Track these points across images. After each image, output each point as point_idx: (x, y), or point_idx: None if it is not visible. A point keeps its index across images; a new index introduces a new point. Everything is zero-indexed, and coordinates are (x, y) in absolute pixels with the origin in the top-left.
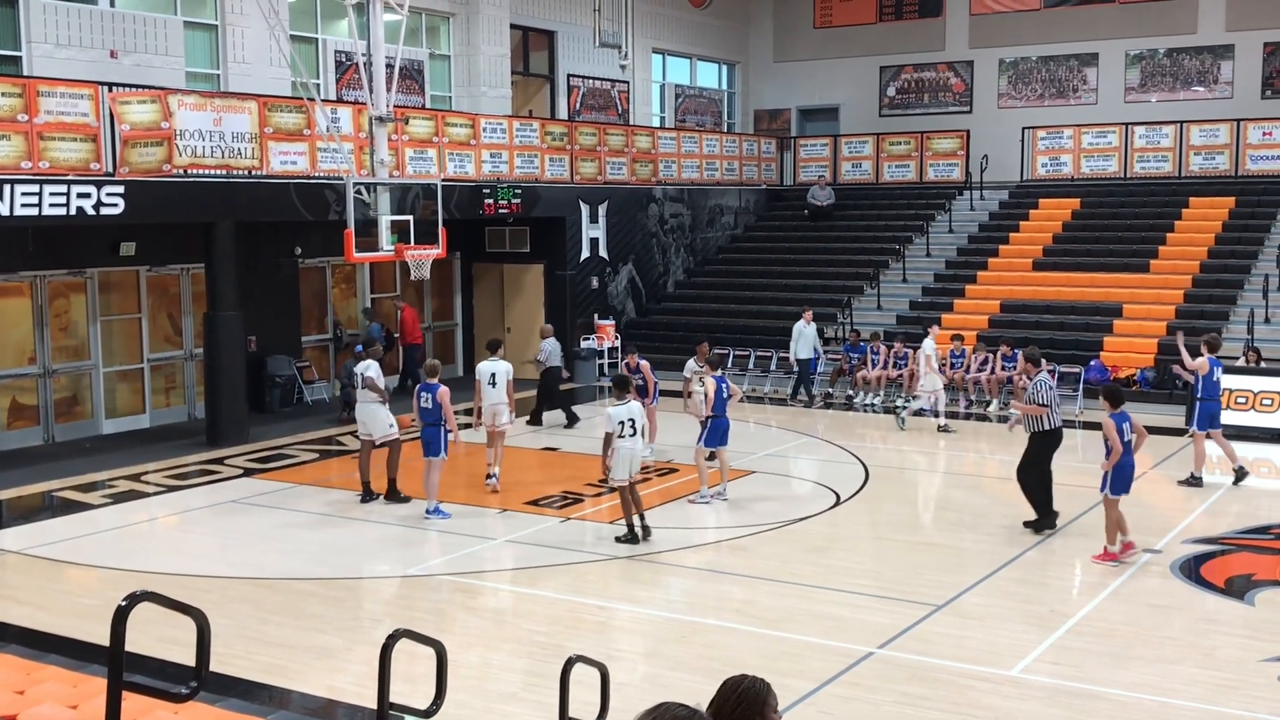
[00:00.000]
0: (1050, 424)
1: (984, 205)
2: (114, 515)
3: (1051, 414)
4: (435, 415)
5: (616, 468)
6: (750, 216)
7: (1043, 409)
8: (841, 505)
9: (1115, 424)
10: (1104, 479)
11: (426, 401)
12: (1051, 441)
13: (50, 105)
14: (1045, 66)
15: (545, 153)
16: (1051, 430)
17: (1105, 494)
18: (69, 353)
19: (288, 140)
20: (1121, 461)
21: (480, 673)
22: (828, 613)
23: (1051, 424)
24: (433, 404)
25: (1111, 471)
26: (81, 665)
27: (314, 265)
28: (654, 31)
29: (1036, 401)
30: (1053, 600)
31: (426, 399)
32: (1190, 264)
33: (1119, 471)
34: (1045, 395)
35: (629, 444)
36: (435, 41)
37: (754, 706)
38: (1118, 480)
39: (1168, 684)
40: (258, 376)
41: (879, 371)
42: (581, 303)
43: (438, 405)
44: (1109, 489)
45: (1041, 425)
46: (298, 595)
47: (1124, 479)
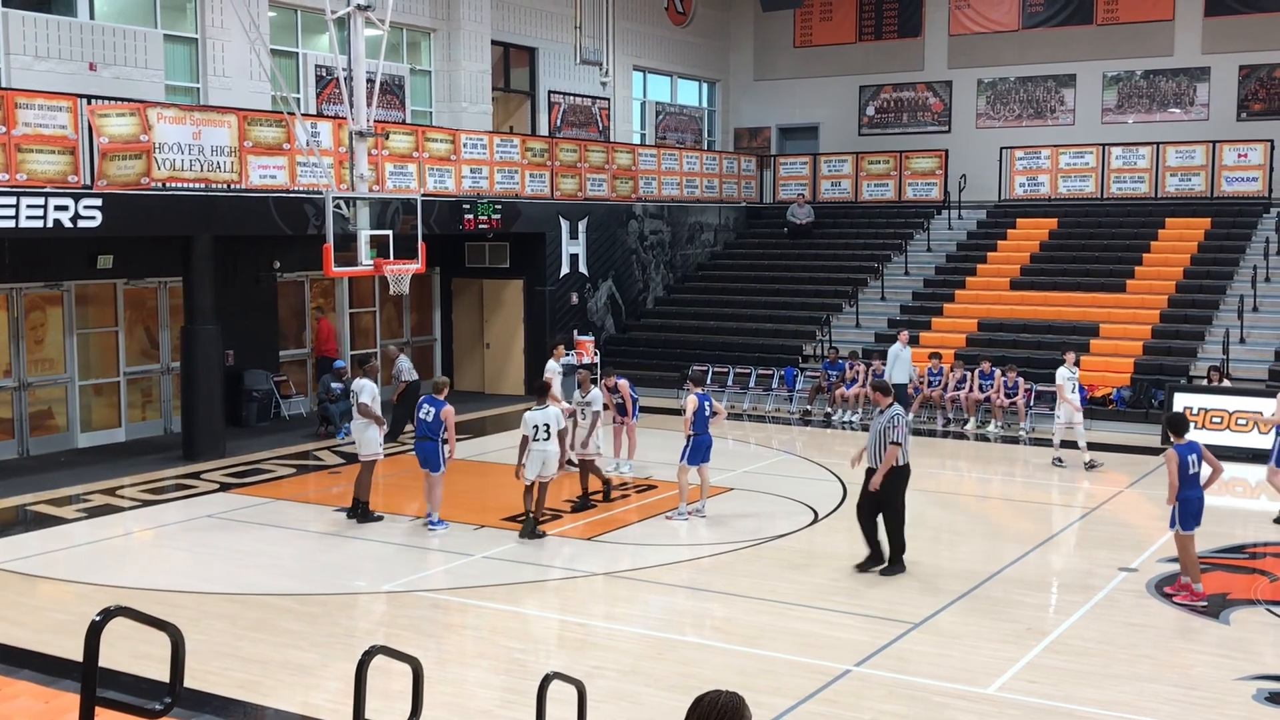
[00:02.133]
0: (900, 460)
1: (962, 224)
2: (88, 530)
3: (906, 450)
4: (434, 429)
5: (528, 467)
6: (730, 234)
7: (897, 447)
8: (819, 522)
9: (1180, 456)
10: (1171, 515)
11: (428, 415)
12: (901, 478)
13: (28, 117)
14: (1023, 87)
15: (526, 168)
16: (901, 466)
17: (1177, 530)
18: (45, 366)
19: (267, 154)
20: (1187, 495)
21: (457, 689)
22: (805, 630)
23: (901, 460)
24: (434, 418)
25: (1178, 505)
26: (54, 681)
27: (292, 280)
28: (635, 49)
29: (892, 440)
30: (1029, 619)
31: (429, 412)
32: (1166, 284)
33: (1185, 506)
34: (900, 434)
35: (541, 447)
36: (416, 57)
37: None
38: (1185, 514)
39: (1143, 702)
40: (235, 391)
41: (857, 389)
42: (561, 319)
43: (438, 420)
44: (1179, 525)
45: (901, 459)
46: (273, 611)
47: (1192, 513)
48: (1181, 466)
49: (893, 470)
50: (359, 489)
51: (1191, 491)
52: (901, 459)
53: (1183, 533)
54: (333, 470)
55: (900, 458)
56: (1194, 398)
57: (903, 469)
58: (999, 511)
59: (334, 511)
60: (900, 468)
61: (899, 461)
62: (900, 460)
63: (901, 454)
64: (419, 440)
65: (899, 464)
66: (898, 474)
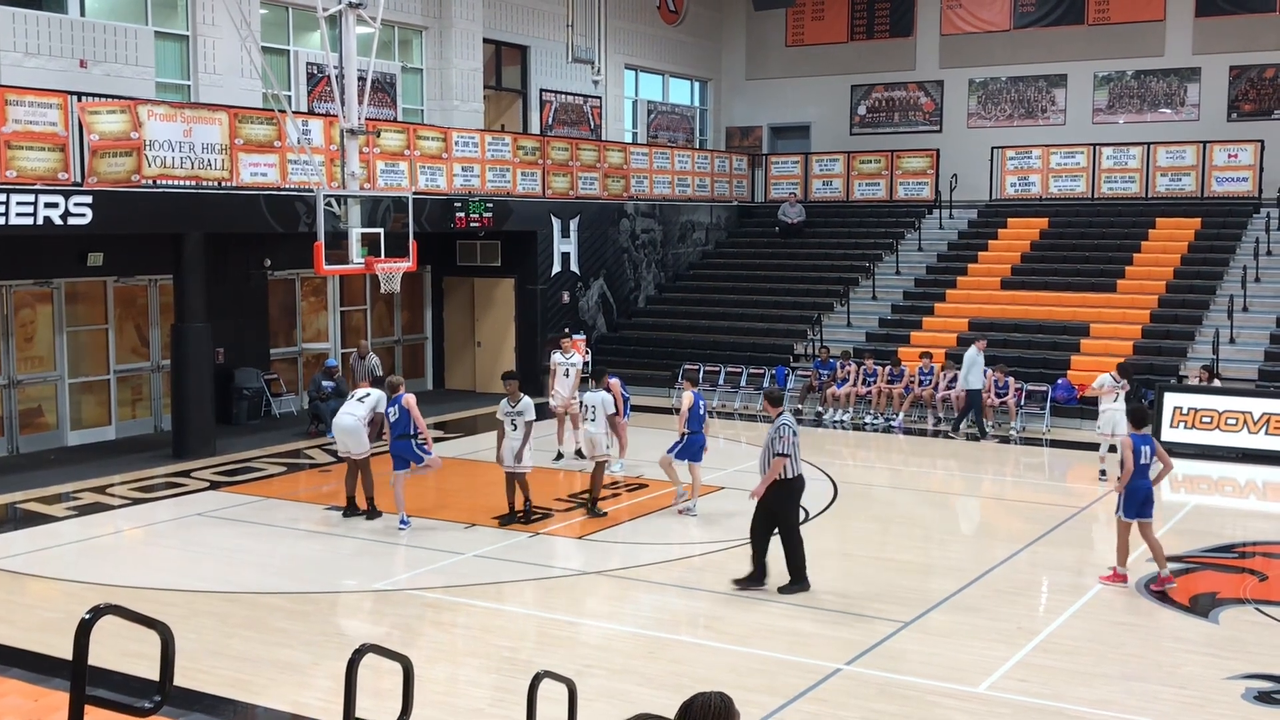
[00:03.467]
0: (790, 472)
1: (953, 224)
2: (78, 528)
3: (793, 462)
4: (403, 427)
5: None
6: (721, 233)
7: (783, 459)
8: (810, 521)
9: (1134, 444)
10: (1118, 501)
11: (393, 414)
12: (792, 491)
13: (18, 114)
14: (1014, 87)
15: (517, 167)
16: (792, 479)
17: (1118, 516)
18: (34, 363)
19: (258, 152)
20: (1135, 484)
21: (447, 688)
22: (796, 629)
23: (792, 472)
24: (399, 414)
25: (1124, 493)
26: (43, 679)
27: (283, 277)
28: (627, 48)
29: (777, 451)
30: (1019, 617)
31: (393, 411)
32: (1156, 284)
33: (1131, 494)
34: (787, 444)
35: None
36: (408, 55)
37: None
38: (1130, 503)
39: (1132, 701)
40: (225, 389)
41: (848, 388)
42: (552, 317)
43: (405, 414)
44: (1122, 511)
45: (783, 474)
46: (264, 609)
47: (1137, 502)
48: (1135, 455)
49: (783, 484)
50: (367, 487)
51: (1140, 481)
52: (790, 470)
53: (1124, 519)
54: (323, 469)
55: (788, 469)
56: (1184, 397)
57: (793, 481)
58: (989, 511)
59: (326, 510)
60: (790, 480)
61: (787, 474)
62: (789, 472)
63: (791, 465)
64: (393, 440)
65: (787, 476)
66: (788, 487)
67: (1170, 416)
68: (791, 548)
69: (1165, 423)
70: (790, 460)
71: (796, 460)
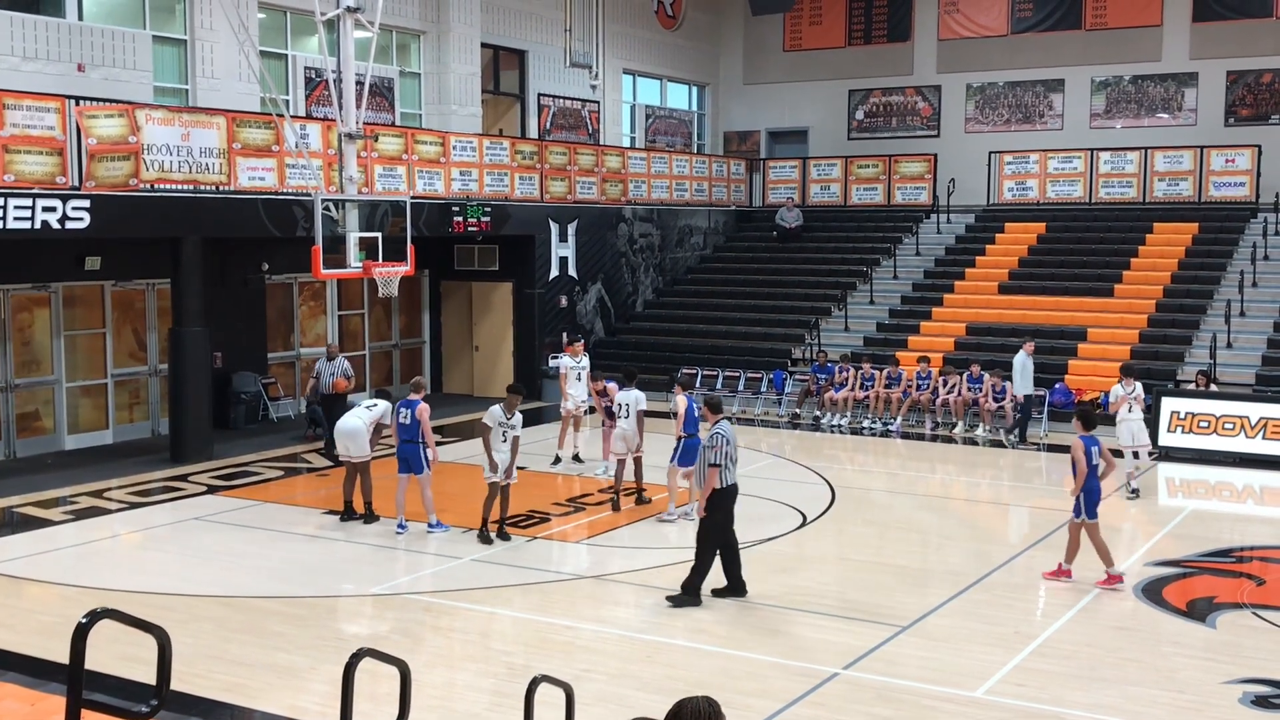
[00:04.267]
0: (723, 481)
1: (951, 228)
2: (76, 532)
3: (725, 471)
4: (413, 432)
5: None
6: (719, 237)
7: (716, 469)
8: (808, 526)
9: (1085, 445)
10: (1075, 504)
11: (405, 418)
12: (725, 501)
13: (16, 118)
14: (1012, 92)
15: (515, 171)
16: (725, 488)
17: (1081, 519)
18: (32, 367)
19: (256, 156)
20: (1091, 485)
21: (445, 692)
22: (793, 633)
23: (724, 481)
24: (410, 420)
25: (1083, 495)
26: (40, 683)
27: (281, 282)
28: (625, 52)
29: (710, 462)
30: (1017, 622)
31: (405, 415)
32: (1154, 289)
33: (1090, 495)
34: (719, 454)
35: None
36: (406, 59)
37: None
38: (1090, 504)
39: (1130, 705)
40: (223, 393)
41: (846, 393)
42: (550, 322)
43: (415, 422)
44: (1084, 513)
45: (721, 481)
46: (261, 614)
47: (1094, 503)
48: (1086, 456)
49: (716, 493)
50: (365, 491)
51: (1093, 481)
52: (725, 480)
53: (1090, 521)
54: (321, 473)
55: (722, 479)
56: (1181, 402)
57: (725, 490)
58: (987, 515)
59: (323, 514)
60: (723, 489)
61: (721, 483)
62: (723, 481)
63: (724, 475)
64: (400, 444)
65: (721, 485)
66: (720, 496)
67: (1168, 421)
68: (700, 553)
69: (1163, 427)
70: (723, 469)
71: (730, 469)
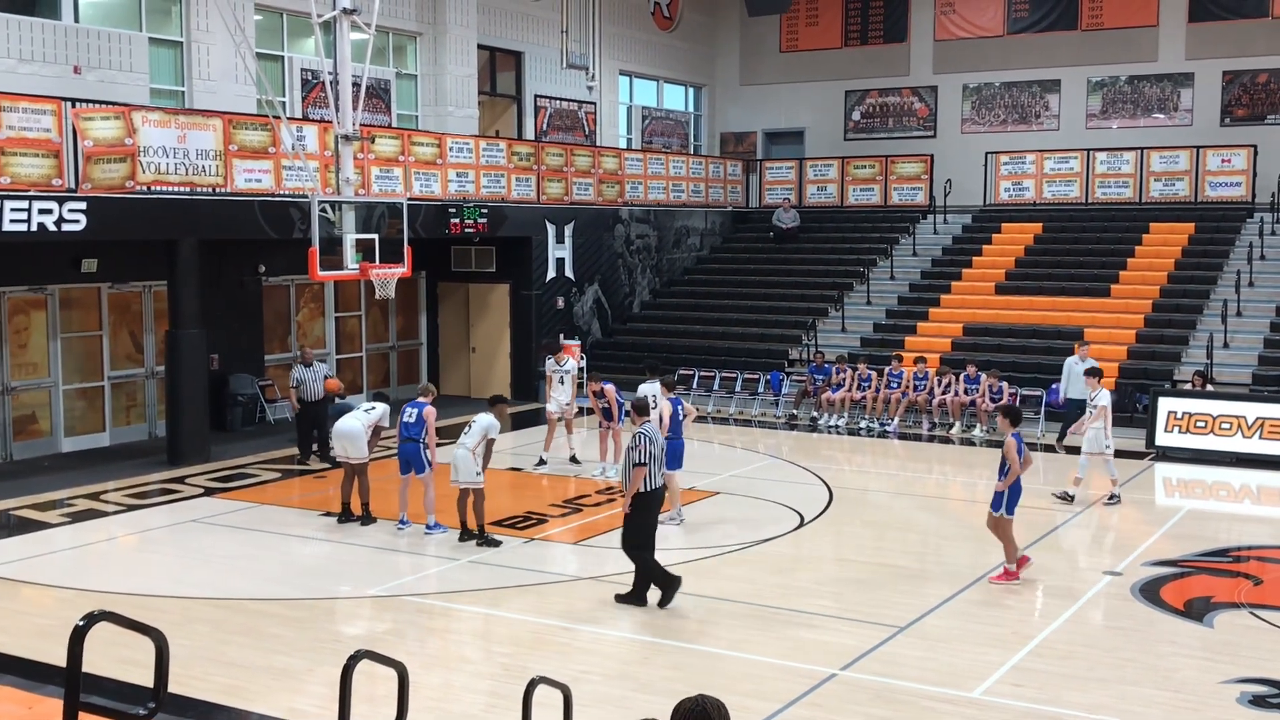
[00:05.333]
0: (649, 484)
1: (947, 229)
2: (72, 534)
3: (650, 474)
4: (415, 431)
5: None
6: (716, 238)
7: (642, 469)
8: (805, 527)
9: (1017, 443)
10: (997, 498)
11: (411, 416)
12: (649, 503)
13: (12, 120)
14: (1008, 92)
15: (512, 173)
16: (649, 492)
17: (1001, 514)
18: (28, 370)
19: (252, 158)
20: (1017, 482)
21: (442, 694)
22: (790, 634)
23: (649, 484)
24: (416, 419)
25: (1008, 491)
26: (37, 686)
27: (278, 284)
28: (621, 54)
29: (635, 462)
30: (1014, 622)
31: (412, 414)
32: (1151, 289)
33: (1014, 492)
34: (643, 454)
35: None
36: (402, 61)
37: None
38: (1013, 500)
39: (1127, 705)
40: (220, 395)
41: (843, 393)
42: (547, 323)
43: (421, 421)
44: (1005, 509)
45: (643, 485)
46: (258, 616)
47: (1017, 499)
48: (1019, 449)
49: (640, 495)
50: (363, 493)
51: (1018, 479)
52: (649, 482)
53: (1009, 516)
54: (318, 475)
55: (648, 481)
56: (1178, 402)
57: (651, 494)
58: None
59: (321, 516)
60: (648, 492)
61: (646, 485)
62: (648, 484)
63: (649, 477)
64: (401, 443)
65: (647, 488)
66: (646, 499)
67: (1165, 421)
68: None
69: (1160, 427)
70: (649, 471)
71: (656, 471)
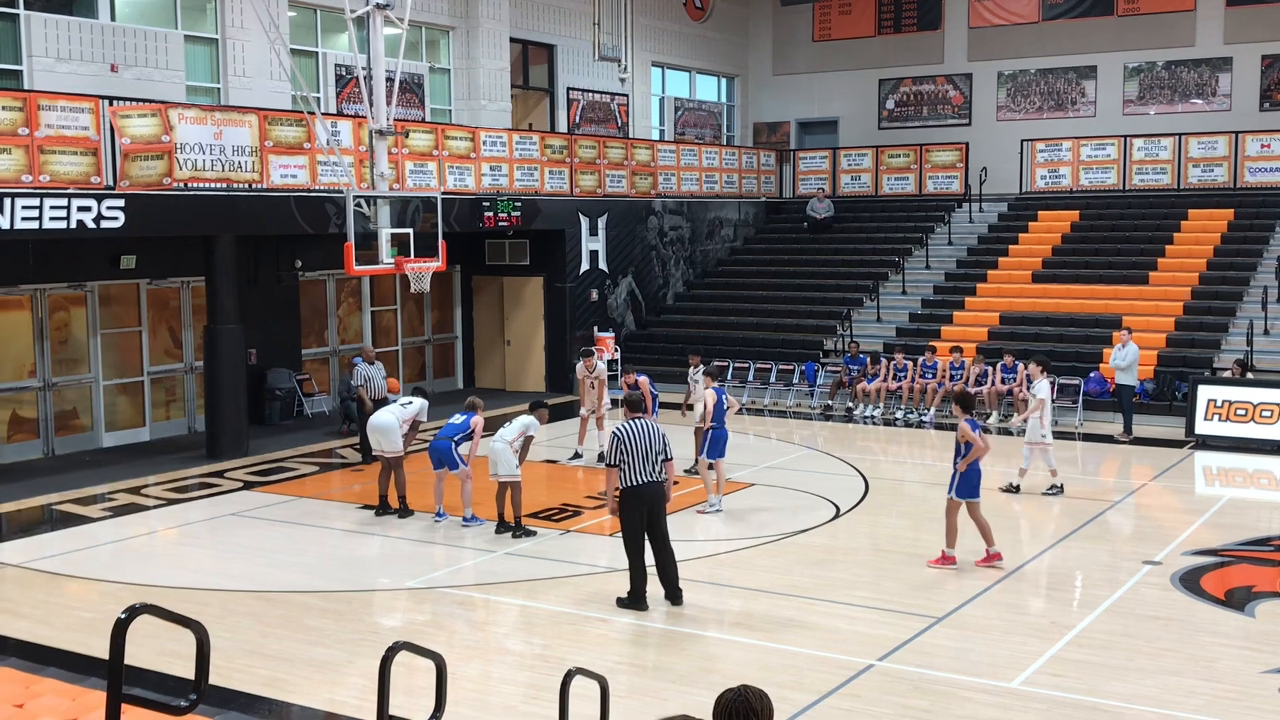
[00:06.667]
0: (630, 480)
1: (983, 217)
2: (114, 528)
3: (631, 469)
4: (452, 431)
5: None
6: (749, 229)
7: (613, 470)
8: (841, 517)
9: (971, 427)
10: (953, 481)
11: (458, 419)
12: (634, 499)
13: (51, 119)
14: (1044, 79)
15: (545, 166)
16: (629, 488)
17: (951, 496)
18: (69, 366)
19: (288, 154)
20: (974, 466)
21: (480, 685)
22: (827, 625)
23: (631, 480)
24: (464, 423)
25: (962, 475)
26: (81, 678)
27: (314, 278)
28: (653, 45)
29: (608, 463)
30: (1053, 612)
31: (460, 418)
32: (1189, 276)
33: (968, 476)
34: (614, 455)
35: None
36: (435, 55)
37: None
38: (964, 484)
39: (1168, 696)
40: (258, 389)
41: (879, 384)
42: (581, 315)
43: (468, 426)
44: (955, 492)
45: (624, 481)
46: (298, 608)
47: (972, 483)
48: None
49: (624, 491)
50: (399, 486)
51: (977, 463)
52: (630, 479)
53: (956, 499)
54: (356, 468)
55: (625, 479)
56: (1218, 390)
57: (635, 489)
58: (1022, 505)
59: (359, 509)
60: (631, 488)
61: (626, 482)
62: (627, 481)
63: (627, 474)
64: (435, 439)
65: (628, 484)
66: (629, 495)
67: (1204, 409)
68: (630, 560)
69: (1199, 415)
70: (625, 469)
71: (636, 468)
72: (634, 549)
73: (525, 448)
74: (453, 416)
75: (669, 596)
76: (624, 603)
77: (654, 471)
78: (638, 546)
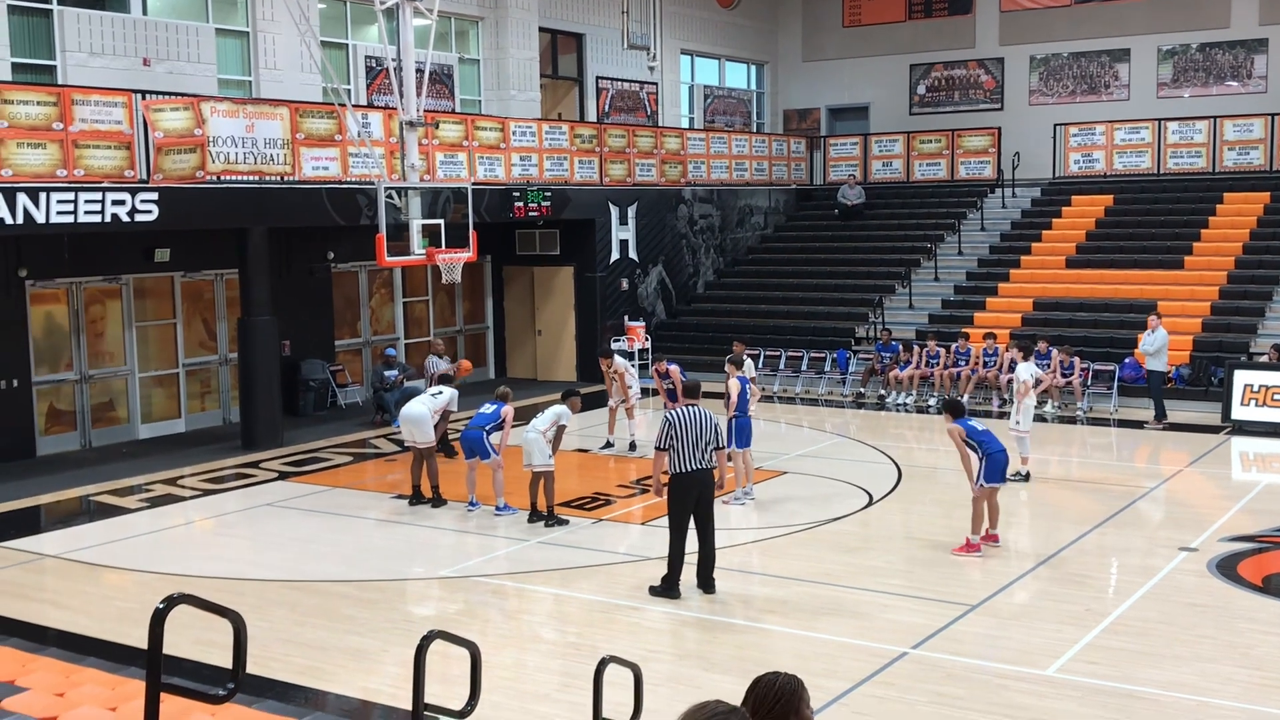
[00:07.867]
0: (677, 466)
1: (1016, 203)
2: (151, 519)
3: (678, 457)
4: (486, 420)
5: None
6: (780, 216)
7: (661, 454)
8: (874, 505)
9: (967, 432)
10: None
11: (488, 409)
12: (678, 488)
13: (85, 114)
14: (1076, 63)
15: (574, 155)
16: (677, 474)
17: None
18: (105, 358)
19: (319, 146)
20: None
21: (514, 674)
22: (861, 612)
23: (678, 467)
24: (494, 412)
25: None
26: (120, 668)
27: (347, 270)
28: (682, 32)
29: (656, 446)
30: (1088, 599)
31: (490, 408)
32: (1225, 260)
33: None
34: (662, 439)
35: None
36: (464, 46)
37: (790, 704)
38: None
39: (1204, 683)
40: (292, 380)
41: (911, 371)
42: (611, 304)
43: (498, 416)
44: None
45: (673, 467)
46: (333, 598)
47: (999, 468)
48: (970, 433)
49: (672, 478)
50: (432, 475)
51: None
52: (677, 465)
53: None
54: (389, 458)
55: (672, 464)
56: (1254, 375)
57: (679, 477)
58: (1057, 492)
59: (392, 498)
60: (677, 475)
61: (674, 468)
62: (675, 467)
63: (675, 459)
64: (466, 429)
65: (676, 470)
66: (674, 483)
67: (1241, 394)
68: (671, 545)
69: (1236, 401)
70: (673, 455)
71: (684, 455)
72: (677, 535)
73: (558, 437)
74: (483, 406)
75: (702, 585)
76: (657, 591)
77: (703, 459)
78: (681, 533)
